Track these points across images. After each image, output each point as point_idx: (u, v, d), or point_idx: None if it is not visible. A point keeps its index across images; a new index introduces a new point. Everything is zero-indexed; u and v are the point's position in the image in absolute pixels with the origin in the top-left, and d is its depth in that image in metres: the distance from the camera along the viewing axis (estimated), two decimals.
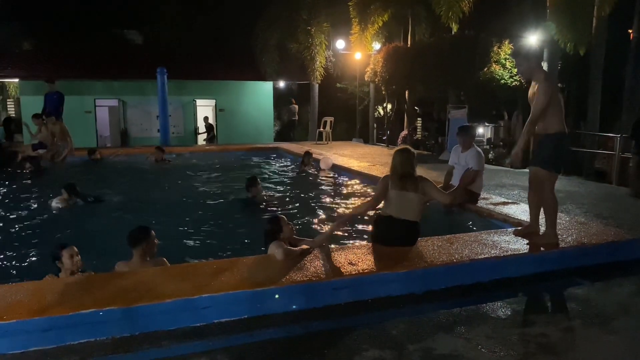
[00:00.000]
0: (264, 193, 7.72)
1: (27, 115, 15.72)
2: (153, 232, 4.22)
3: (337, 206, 7.68)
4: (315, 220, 6.76)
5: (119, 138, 19.67)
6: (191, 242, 5.76)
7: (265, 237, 4.37)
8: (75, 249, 4.04)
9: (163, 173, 11.33)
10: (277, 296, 3.53)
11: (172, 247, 5.38)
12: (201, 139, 19.99)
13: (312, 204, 7.80)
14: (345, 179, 10.05)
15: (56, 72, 17.54)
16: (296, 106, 21.34)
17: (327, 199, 8.20)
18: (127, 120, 19.77)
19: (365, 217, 5.93)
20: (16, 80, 19.52)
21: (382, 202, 4.61)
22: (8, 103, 23.62)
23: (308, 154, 11.00)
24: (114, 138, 20.05)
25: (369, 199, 5.10)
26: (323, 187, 9.40)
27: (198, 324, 3.31)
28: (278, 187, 9.34)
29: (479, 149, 6.51)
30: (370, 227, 5.00)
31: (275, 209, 7.34)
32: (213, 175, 10.87)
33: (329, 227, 5.10)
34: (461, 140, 6.52)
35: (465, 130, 6.60)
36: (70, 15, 20.85)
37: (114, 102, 19.50)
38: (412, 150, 4.73)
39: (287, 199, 8.17)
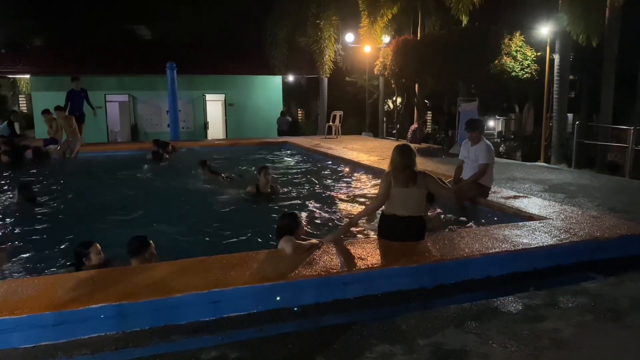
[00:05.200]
0: (272, 184, 7.69)
1: (37, 111, 15.89)
2: (152, 243, 4.21)
3: (346, 201, 7.66)
4: (323, 213, 6.75)
5: (130, 133, 19.78)
6: (199, 236, 5.77)
7: (279, 231, 4.36)
8: (99, 246, 4.15)
9: (164, 168, 11.27)
10: (285, 292, 3.53)
11: (179, 242, 5.42)
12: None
13: (320, 198, 7.78)
14: (354, 173, 10.03)
15: (66, 68, 17.72)
16: (289, 118, 20.86)
17: (336, 194, 8.18)
18: (137, 115, 19.87)
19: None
20: (27, 76, 19.68)
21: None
22: (20, 99, 23.83)
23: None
24: (124, 133, 20.17)
25: (373, 199, 5.06)
26: (331, 181, 9.39)
27: (208, 319, 3.32)
28: (286, 181, 9.34)
29: (489, 142, 6.44)
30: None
31: (284, 200, 7.35)
32: (223, 168, 10.89)
33: (336, 230, 5.10)
34: (469, 135, 6.46)
35: (472, 124, 6.51)
36: (80, 11, 20.96)
37: (124, 98, 19.59)
38: (411, 145, 4.70)
39: (295, 191, 8.17)
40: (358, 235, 5.52)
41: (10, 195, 7.52)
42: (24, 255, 5.09)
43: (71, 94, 12.95)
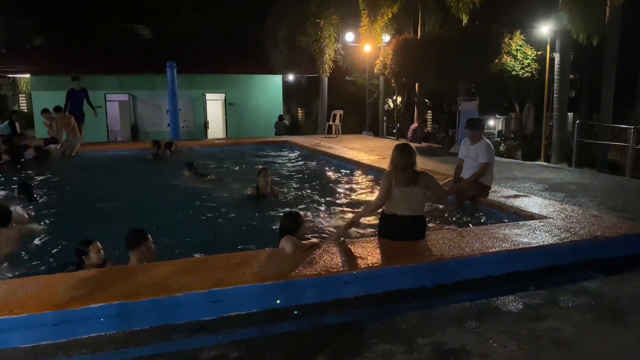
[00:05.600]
0: (272, 186, 7.72)
1: (38, 110, 15.88)
2: (150, 236, 4.21)
3: (346, 200, 7.66)
4: (323, 213, 6.75)
5: (130, 132, 19.78)
6: (200, 236, 5.77)
7: (281, 231, 4.36)
8: (99, 244, 4.17)
9: (163, 168, 11.24)
10: (286, 291, 3.52)
11: (180, 242, 5.41)
12: None
13: (320, 197, 7.78)
14: (355, 172, 10.02)
15: (66, 67, 17.72)
16: (286, 122, 20.94)
17: (337, 193, 8.18)
18: (138, 114, 19.86)
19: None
20: (27, 75, 19.68)
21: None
22: (20, 98, 23.84)
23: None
24: (124, 132, 20.17)
25: (375, 198, 5.08)
26: (332, 180, 9.38)
27: (208, 318, 3.31)
28: (286, 180, 9.34)
29: (489, 141, 6.44)
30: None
31: (284, 201, 7.34)
32: (221, 169, 10.89)
33: (337, 230, 5.11)
34: (469, 134, 6.45)
35: (473, 123, 6.51)
36: (80, 10, 20.95)
37: (124, 97, 19.59)
38: (412, 145, 4.71)
39: (296, 191, 8.17)
40: (361, 233, 5.51)
41: (10, 194, 7.52)
42: (24, 254, 5.09)
43: (71, 93, 12.99)
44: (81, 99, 13.05)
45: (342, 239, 4.54)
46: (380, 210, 4.65)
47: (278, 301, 3.49)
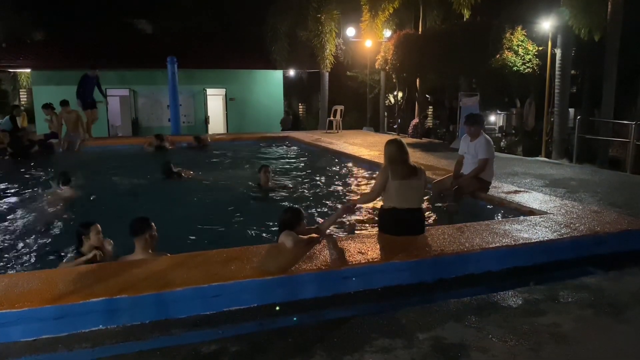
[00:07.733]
0: (273, 181, 7.74)
1: (38, 105, 15.88)
2: (154, 225, 4.24)
3: (346, 195, 7.66)
4: (324, 209, 6.75)
5: (130, 127, 19.76)
6: (201, 231, 5.78)
7: (281, 226, 4.37)
8: (99, 226, 4.30)
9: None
10: (286, 286, 3.53)
11: (181, 237, 5.42)
12: None
13: (321, 192, 7.79)
14: (355, 168, 10.02)
15: (67, 62, 17.69)
16: (290, 117, 21.03)
17: (337, 188, 8.18)
18: (138, 109, 19.84)
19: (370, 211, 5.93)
20: (28, 70, 19.67)
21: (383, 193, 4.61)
22: (20, 93, 23.83)
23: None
24: (125, 127, 20.15)
25: (369, 190, 5.14)
26: (332, 176, 9.38)
27: (208, 312, 3.32)
28: (287, 175, 9.34)
29: (488, 137, 6.42)
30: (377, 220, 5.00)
31: (285, 197, 7.35)
32: (225, 163, 10.90)
33: (328, 218, 5.12)
34: (468, 130, 6.43)
35: (471, 119, 6.49)
36: (81, 5, 20.92)
37: (124, 92, 19.56)
38: (402, 140, 4.75)
39: (296, 187, 8.17)
40: (357, 230, 5.52)
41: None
42: (24, 250, 5.11)
43: (85, 79, 13.02)
44: (93, 85, 13.08)
45: (331, 228, 4.56)
46: (379, 206, 4.66)
47: (278, 296, 3.50)
